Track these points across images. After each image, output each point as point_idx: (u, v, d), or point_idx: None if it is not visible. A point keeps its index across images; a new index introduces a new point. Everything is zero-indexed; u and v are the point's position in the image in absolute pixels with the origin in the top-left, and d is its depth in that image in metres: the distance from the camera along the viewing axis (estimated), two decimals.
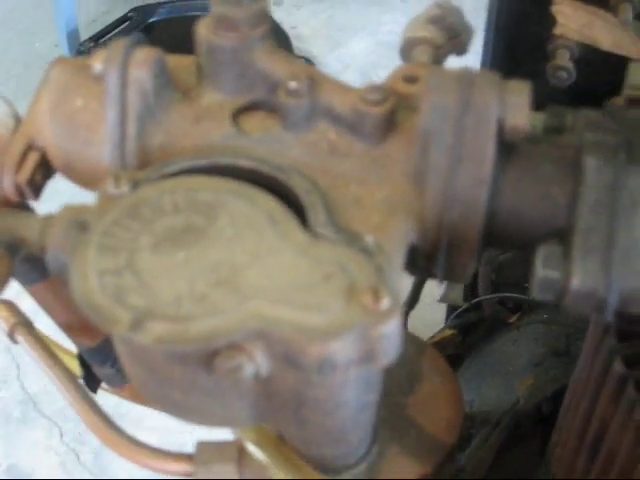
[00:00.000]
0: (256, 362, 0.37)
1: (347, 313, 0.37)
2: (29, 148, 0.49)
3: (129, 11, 2.70)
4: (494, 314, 1.04)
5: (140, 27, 2.68)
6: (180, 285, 0.38)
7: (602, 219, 0.41)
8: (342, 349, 0.36)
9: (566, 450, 0.59)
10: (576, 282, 0.40)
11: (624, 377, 0.47)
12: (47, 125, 0.49)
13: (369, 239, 0.41)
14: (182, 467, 0.50)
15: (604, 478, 0.53)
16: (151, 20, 2.70)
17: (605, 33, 0.86)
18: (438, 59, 0.55)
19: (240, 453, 0.48)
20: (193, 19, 0.46)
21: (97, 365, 0.65)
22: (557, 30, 0.86)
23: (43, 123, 0.49)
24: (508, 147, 0.43)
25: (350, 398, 0.41)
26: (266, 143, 0.45)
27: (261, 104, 0.47)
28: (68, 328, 0.62)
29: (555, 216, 0.43)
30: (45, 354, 0.60)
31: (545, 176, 0.43)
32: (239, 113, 0.47)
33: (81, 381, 0.67)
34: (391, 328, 0.36)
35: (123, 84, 0.45)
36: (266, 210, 0.41)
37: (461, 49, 0.55)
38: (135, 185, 0.42)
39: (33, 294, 0.60)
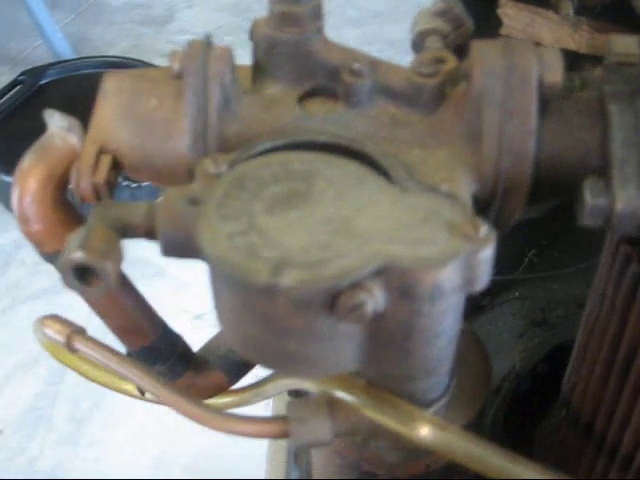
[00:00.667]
0: (375, 298, 0.42)
1: (453, 243, 0.43)
2: (100, 152, 0.54)
3: (19, 75, 2.71)
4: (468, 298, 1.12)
5: (32, 89, 2.69)
6: (304, 237, 0.43)
7: (632, 152, 0.49)
8: (450, 275, 0.42)
9: (591, 384, 0.66)
10: (620, 206, 0.47)
11: None
12: (118, 129, 0.53)
13: (445, 188, 0.47)
14: (277, 428, 0.54)
15: (635, 401, 0.60)
16: (42, 82, 2.71)
17: (546, 30, 0.96)
18: (447, 47, 0.62)
19: (331, 405, 0.53)
20: (84, 77, 0.52)
21: (148, 364, 0.68)
22: (503, 30, 0.96)
23: (112, 128, 0.53)
24: (544, 103, 0.50)
25: (447, 326, 0.47)
26: (333, 122, 0.51)
27: (320, 90, 0.53)
28: (121, 330, 0.65)
29: (589, 158, 0.51)
30: (108, 354, 0.63)
31: (576, 125, 0.51)
32: (302, 99, 0.52)
33: None
34: (490, 253, 0.43)
35: (204, 78, 0.50)
36: (354, 172, 0.47)
37: (466, 37, 0.62)
38: (231, 165, 0.48)
39: (88, 300, 0.63)
